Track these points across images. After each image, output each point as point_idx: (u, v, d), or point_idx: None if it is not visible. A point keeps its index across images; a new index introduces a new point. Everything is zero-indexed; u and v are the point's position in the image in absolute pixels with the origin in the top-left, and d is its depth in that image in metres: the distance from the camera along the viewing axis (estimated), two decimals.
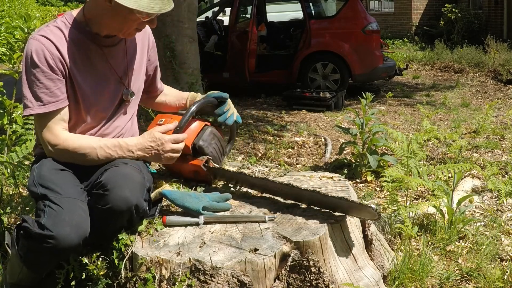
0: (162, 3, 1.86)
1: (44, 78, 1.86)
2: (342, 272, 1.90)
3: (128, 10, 1.82)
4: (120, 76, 2.05)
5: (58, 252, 1.76)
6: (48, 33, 1.89)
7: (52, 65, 1.86)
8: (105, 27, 1.93)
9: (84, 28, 1.95)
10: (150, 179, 1.98)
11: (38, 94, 1.87)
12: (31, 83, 1.87)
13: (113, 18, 1.88)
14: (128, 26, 1.91)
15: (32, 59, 1.85)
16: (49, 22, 1.96)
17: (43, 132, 1.92)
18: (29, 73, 1.87)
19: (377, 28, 8.07)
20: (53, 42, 1.88)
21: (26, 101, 1.88)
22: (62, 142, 1.91)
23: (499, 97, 8.19)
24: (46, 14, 28.74)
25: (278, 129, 5.94)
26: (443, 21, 14.78)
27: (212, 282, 1.69)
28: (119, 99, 2.07)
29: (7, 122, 2.85)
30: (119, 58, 2.05)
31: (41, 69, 1.86)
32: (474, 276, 2.43)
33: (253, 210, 2.04)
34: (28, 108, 1.88)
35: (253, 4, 8.06)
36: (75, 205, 1.82)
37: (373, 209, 1.84)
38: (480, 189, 3.75)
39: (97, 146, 1.92)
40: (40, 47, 1.86)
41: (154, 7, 1.84)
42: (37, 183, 1.91)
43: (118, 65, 2.04)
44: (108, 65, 2.01)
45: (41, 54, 1.85)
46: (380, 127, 4.05)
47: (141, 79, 2.17)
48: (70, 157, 1.93)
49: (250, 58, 7.88)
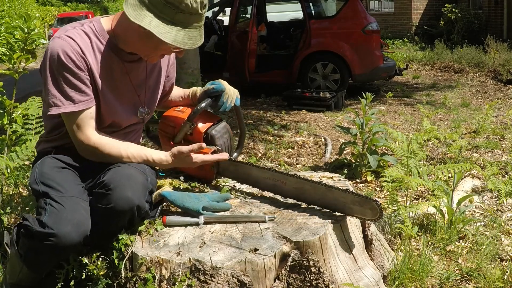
0: (195, 39, 1.86)
1: (73, 78, 1.86)
2: (342, 272, 1.90)
3: (161, 41, 1.81)
4: (138, 94, 2.07)
5: (58, 250, 1.76)
6: (75, 36, 1.88)
7: (79, 65, 1.86)
8: (132, 47, 1.93)
9: (110, 40, 1.94)
10: (154, 182, 1.99)
11: (69, 92, 1.86)
12: (60, 82, 1.86)
13: (142, 42, 1.87)
14: (156, 53, 1.92)
15: (59, 58, 1.84)
16: (75, 24, 1.95)
17: (74, 131, 1.92)
18: (57, 73, 1.86)
19: (377, 28, 8.07)
20: (79, 46, 1.87)
21: (55, 100, 1.87)
22: (93, 144, 1.93)
23: (499, 97, 8.19)
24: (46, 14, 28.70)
25: (278, 129, 5.94)
26: (443, 21, 14.79)
27: (212, 282, 1.69)
28: (135, 115, 2.09)
29: (7, 122, 2.85)
30: (139, 75, 2.06)
31: (70, 68, 1.85)
32: (474, 276, 2.43)
33: (253, 210, 2.04)
34: (57, 106, 1.87)
35: (253, 4, 8.06)
36: (77, 204, 1.82)
37: (377, 203, 1.83)
38: (480, 189, 3.75)
39: (125, 155, 1.96)
40: (68, 47, 1.84)
41: (188, 43, 1.84)
42: (38, 181, 1.91)
43: (137, 82, 2.05)
44: (128, 81, 2.02)
45: (68, 54, 1.84)
46: (380, 127, 4.05)
47: (156, 96, 2.19)
48: (98, 158, 1.96)
49: (250, 58, 7.89)
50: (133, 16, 1.80)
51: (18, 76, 2.84)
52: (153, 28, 1.78)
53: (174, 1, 1.78)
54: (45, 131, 2.09)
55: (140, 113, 2.10)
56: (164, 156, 2.00)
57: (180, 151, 1.99)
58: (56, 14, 30.26)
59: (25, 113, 3.19)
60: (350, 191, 1.91)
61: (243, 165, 2.16)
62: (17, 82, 2.87)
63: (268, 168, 2.12)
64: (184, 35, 1.83)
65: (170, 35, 1.80)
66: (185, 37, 1.83)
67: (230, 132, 2.28)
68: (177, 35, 1.81)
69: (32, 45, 2.94)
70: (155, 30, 1.78)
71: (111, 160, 1.95)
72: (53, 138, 2.06)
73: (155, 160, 1.99)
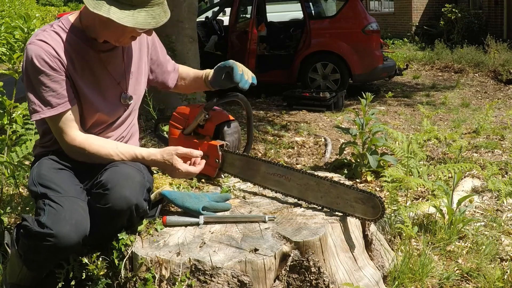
0: (159, 17, 1.84)
1: (49, 81, 1.85)
2: (342, 272, 1.90)
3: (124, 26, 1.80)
4: (118, 81, 2.05)
5: (57, 250, 1.76)
6: (46, 37, 1.88)
7: (54, 67, 1.86)
8: (101, 35, 1.92)
9: (81, 33, 1.94)
10: (150, 180, 1.98)
11: (46, 97, 1.86)
12: (37, 88, 1.86)
13: (108, 29, 1.86)
14: (124, 37, 1.91)
15: (33, 64, 1.84)
16: (46, 26, 1.94)
17: (59, 134, 1.92)
18: (33, 78, 1.86)
19: (377, 28, 8.07)
20: (51, 46, 1.86)
21: (34, 106, 1.87)
22: (78, 145, 1.92)
23: (499, 97, 8.19)
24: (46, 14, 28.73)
25: (278, 129, 5.94)
26: (443, 21, 14.78)
27: (212, 282, 1.69)
28: (119, 103, 2.07)
29: (7, 122, 2.85)
30: (117, 63, 2.04)
31: (45, 73, 1.84)
32: (474, 276, 2.43)
33: (253, 210, 2.04)
34: (37, 112, 1.87)
35: (253, 4, 8.06)
36: (75, 204, 1.82)
37: (380, 201, 1.83)
38: (480, 189, 3.75)
39: (114, 153, 1.94)
40: (40, 51, 1.84)
41: (151, 22, 1.82)
42: (36, 183, 1.91)
43: (115, 70, 2.03)
44: (106, 71, 2.00)
45: (41, 58, 1.84)
46: (380, 127, 4.05)
47: (142, 82, 2.16)
48: (88, 159, 1.95)
49: (250, 58, 7.88)
50: (92, 6, 1.79)
51: (18, 76, 2.84)
52: (112, 15, 1.77)
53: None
54: (39, 137, 2.10)
55: (123, 99, 2.07)
56: (154, 152, 1.99)
57: (176, 150, 1.97)
58: (56, 14, 30.27)
59: (25, 113, 3.19)
60: (354, 187, 1.92)
61: (250, 159, 2.17)
62: (17, 82, 2.87)
63: (275, 163, 2.13)
64: (146, 15, 1.81)
65: (130, 19, 1.78)
66: (147, 17, 1.81)
67: (240, 134, 2.30)
68: (138, 17, 1.79)
69: None
70: (114, 16, 1.77)
71: (101, 160, 1.93)
72: (46, 144, 2.06)
73: (144, 157, 1.97)
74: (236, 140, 2.28)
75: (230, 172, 2.25)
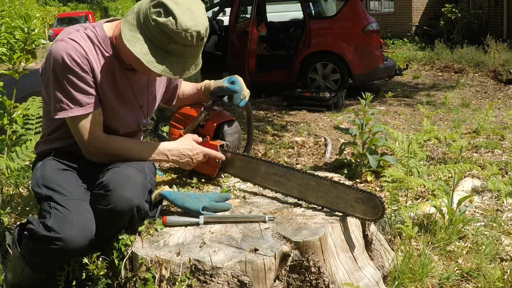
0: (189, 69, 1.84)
1: (78, 80, 1.85)
2: (342, 272, 1.90)
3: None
4: (141, 105, 2.07)
5: (64, 254, 1.76)
6: (79, 38, 1.87)
7: (84, 68, 1.85)
8: (129, 61, 1.90)
9: (112, 47, 1.93)
10: (153, 181, 1.98)
11: (75, 96, 1.86)
12: (65, 85, 1.85)
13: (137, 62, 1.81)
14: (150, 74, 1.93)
15: (64, 61, 1.82)
16: (77, 27, 1.93)
17: (82, 133, 1.91)
18: (61, 75, 1.84)
19: (377, 28, 8.07)
20: (83, 48, 1.86)
21: (61, 104, 1.86)
22: (104, 145, 1.93)
23: (499, 97, 8.19)
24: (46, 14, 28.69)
25: (278, 129, 5.94)
26: (443, 21, 14.78)
27: (212, 282, 1.69)
28: (135, 123, 2.09)
29: (7, 122, 2.85)
30: (141, 85, 2.05)
31: (75, 71, 1.84)
32: (474, 276, 2.43)
33: (253, 210, 2.04)
34: (64, 110, 1.86)
35: (253, 4, 8.06)
36: (81, 207, 1.82)
37: (380, 201, 1.83)
38: (480, 189, 3.75)
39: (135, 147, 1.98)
40: (72, 50, 1.83)
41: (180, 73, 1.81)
42: (41, 184, 1.91)
43: (139, 90, 2.05)
44: (130, 89, 2.01)
45: (73, 57, 1.83)
46: (380, 127, 4.05)
47: (156, 103, 2.19)
48: (108, 157, 1.95)
49: (250, 58, 7.88)
50: (127, 38, 1.77)
51: (18, 76, 2.84)
52: (143, 56, 1.75)
53: (169, 31, 1.74)
54: (47, 132, 2.08)
55: (143, 124, 2.11)
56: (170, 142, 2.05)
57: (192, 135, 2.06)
58: (56, 14, 30.27)
59: (25, 113, 3.19)
60: (354, 187, 1.92)
61: (251, 159, 2.17)
62: (17, 82, 2.88)
63: (275, 163, 2.13)
64: (177, 64, 1.79)
65: (160, 66, 1.76)
66: (178, 66, 1.80)
67: (240, 134, 2.31)
68: (169, 64, 1.78)
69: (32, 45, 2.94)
70: (145, 58, 1.75)
71: (120, 158, 1.94)
72: (54, 138, 2.04)
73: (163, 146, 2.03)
74: (236, 140, 2.28)
75: (230, 172, 2.26)
